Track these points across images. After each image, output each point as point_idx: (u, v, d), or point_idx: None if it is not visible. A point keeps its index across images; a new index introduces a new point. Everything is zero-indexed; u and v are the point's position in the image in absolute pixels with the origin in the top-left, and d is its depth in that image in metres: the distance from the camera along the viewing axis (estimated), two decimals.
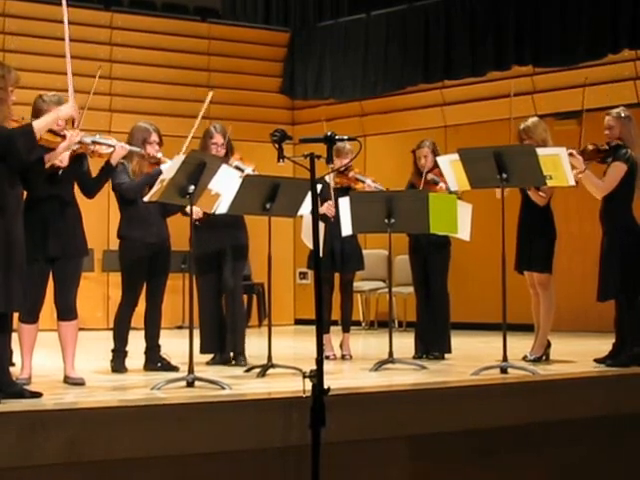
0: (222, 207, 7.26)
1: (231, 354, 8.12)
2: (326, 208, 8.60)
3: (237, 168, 7.89)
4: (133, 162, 7.55)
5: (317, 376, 4.70)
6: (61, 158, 6.38)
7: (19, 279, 5.66)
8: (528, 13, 12.89)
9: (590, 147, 7.83)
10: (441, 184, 8.45)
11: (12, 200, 5.70)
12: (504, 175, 7.28)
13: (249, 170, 7.94)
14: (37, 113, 6.44)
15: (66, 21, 6.46)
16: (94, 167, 7.00)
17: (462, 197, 8.24)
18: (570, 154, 7.58)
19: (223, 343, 8.16)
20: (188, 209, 6.86)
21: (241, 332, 8.15)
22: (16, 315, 6.14)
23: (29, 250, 5.89)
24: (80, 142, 6.62)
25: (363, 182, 8.84)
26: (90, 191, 6.92)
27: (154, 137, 7.63)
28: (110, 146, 6.87)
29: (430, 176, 8.60)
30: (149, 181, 7.37)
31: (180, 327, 12.68)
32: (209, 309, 8.16)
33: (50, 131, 6.49)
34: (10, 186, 5.69)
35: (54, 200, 6.56)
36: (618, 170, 7.67)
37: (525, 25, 12.89)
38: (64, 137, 6.48)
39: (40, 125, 5.86)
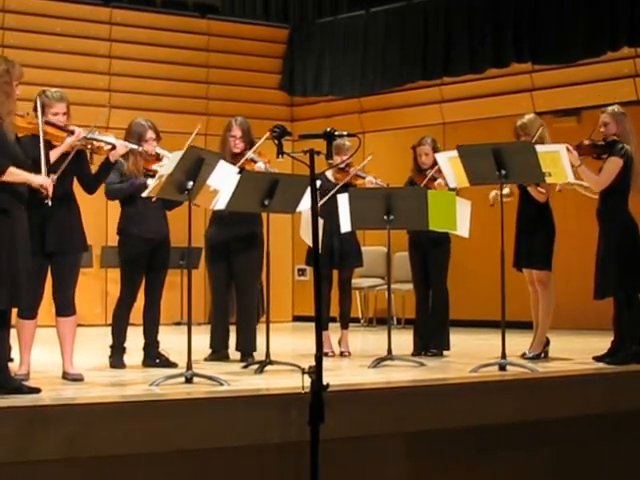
0: (220, 203, 7.25)
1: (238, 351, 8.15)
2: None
3: (251, 160, 7.94)
4: (129, 160, 7.54)
5: (316, 373, 4.71)
6: (47, 186, 6.03)
7: (24, 275, 5.67)
8: (527, 10, 12.88)
9: (586, 142, 7.84)
10: (439, 180, 8.46)
11: (16, 197, 5.70)
12: (503, 172, 7.28)
13: (260, 163, 7.96)
14: (41, 108, 6.43)
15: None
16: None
17: (459, 193, 8.23)
18: (567, 150, 7.58)
19: (228, 339, 8.20)
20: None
21: (251, 331, 8.15)
22: (15, 311, 6.13)
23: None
24: (85, 138, 6.62)
25: (364, 178, 8.83)
26: (91, 187, 6.93)
27: (150, 134, 7.62)
28: (110, 144, 6.86)
29: (429, 172, 8.59)
30: (131, 191, 7.46)
31: (178, 323, 12.68)
32: (220, 304, 8.19)
33: (55, 126, 6.50)
34: (13, 184, 5.69)
35: (53, 196, 6.54)
36: (614, 165, 7.67)
37: (524, 22, 12.88)
38: (71, 132, 6.48)
39: (15, 175, 5.72)
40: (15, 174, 5.75)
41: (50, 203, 6.06)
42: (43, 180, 5.99)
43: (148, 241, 7.55)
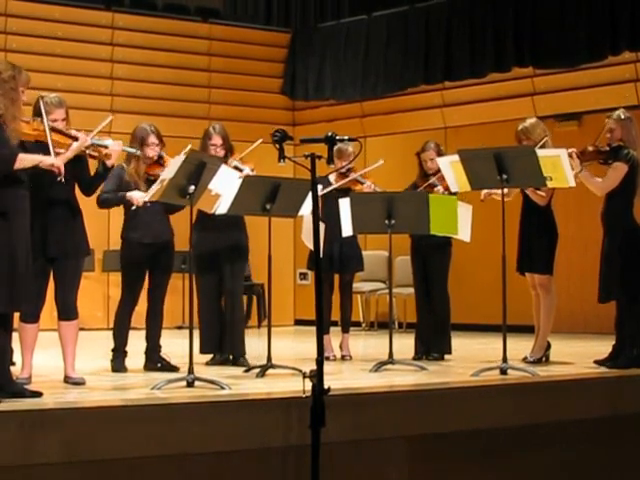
0: (222, 207, 7.27)
1: (230, 356, 8.13)
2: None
3: (236, 168, 7.90)
4: (131, 165, 7.57)
5: (317, 376, 4.72)
6: (59, 165, 6.11)
7: (24, 279, 5.67)
8: (528, 15, 12.90)
9: (590, 148, 7.84)
10: (438, 187, 8.45)
11: (16, 201, 5.70)
12: (504, 176, 7.28)
13: (247, 170, 7.95)
14: (38, 113, 6.43)
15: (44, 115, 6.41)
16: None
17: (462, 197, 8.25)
18: (569, 155, 7.58)
19: (223, 343, 8.17)
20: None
21: (239, 335, 8.14)
22: (17, 315, 6.14)
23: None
24: (92, 144, 6.63)
25: (362, 184, 8.84)
26: (89, 190, 6.94)
27: (152, 139, 7.63)
28: (106, 147, 6.85)
29: (431, 179, 8.59)
30: (116, 203, 7.55)
31: (180, 327, 12.67)
32: (208, 309, 8.16)
33: (61, 132, 6.50)
34: (13, 187, 5.70)
35: (55, 200, 6.56)
36: (619, 170, 7.68)
37: (525, 27, 12.90)
38: (75, 139, 6.49)
39: (26, 160, 5.77)
40: (26, 159, 5.77)
41: (63, 180, 6.08)
42: (53, 159, 6.01)
43: (147, 246, 7.57)
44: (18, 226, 5.70)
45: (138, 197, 7.36)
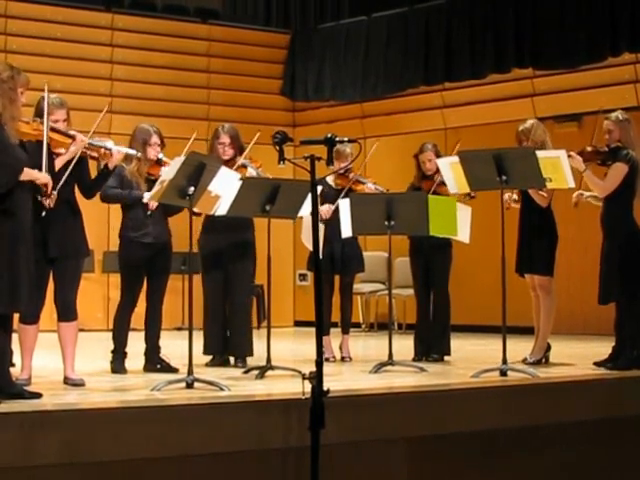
0: (222, 209, 7.26)
1: (231, 358, 8.13)
2: (325, 211, 8.56)
3: (243, 166, 7.93)
4: (132, 164, 7.57)
5: (316, 378, 4.71)
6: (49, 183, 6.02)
7: (25, 280, 5.67)
8: (528, 16, 12.91)
9: (589, 148, 7.85)
10: None
11: (16, 202, 5.70)
12: (504, 177, 7.28)
13: (251, 169, 7.96)
14: (40, 114, 6.43)
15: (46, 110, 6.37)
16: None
17: (475, 196, 8.22)
18: (569, 156, 7.59)
19: (225, 344, 8.18)
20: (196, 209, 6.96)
21: (245, 336, 8.14)
22: (17, 316, 6.13)
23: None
24: (90, 144, 6.63)
25: (364, 184, 8.83)
26: (89, 193, 6.93)
27: (154, 139, 7.64)
28: (109, 149, 6.85)
29: (440, 178, 8.56)
30: (127, 201, 7.57)
31: (180, 328, 12.67)
32: (213, 310, 8.17)
33: (61, 133, 6.50)
34: (14, 188, 5.69)
35: (56, 201, 6.55)
36: (619, 170, 7.68)
37: (525, 28, 12.91)
38: (73, 138, 6.49)
39: (26, 173, 5.73)
40: (27, 172, 5.75)
41: (43, 215, 6.01)
42: (47, 179, 5.94)
43: (147, 246, 7.57)
44: (19, 227, 5.70)
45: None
